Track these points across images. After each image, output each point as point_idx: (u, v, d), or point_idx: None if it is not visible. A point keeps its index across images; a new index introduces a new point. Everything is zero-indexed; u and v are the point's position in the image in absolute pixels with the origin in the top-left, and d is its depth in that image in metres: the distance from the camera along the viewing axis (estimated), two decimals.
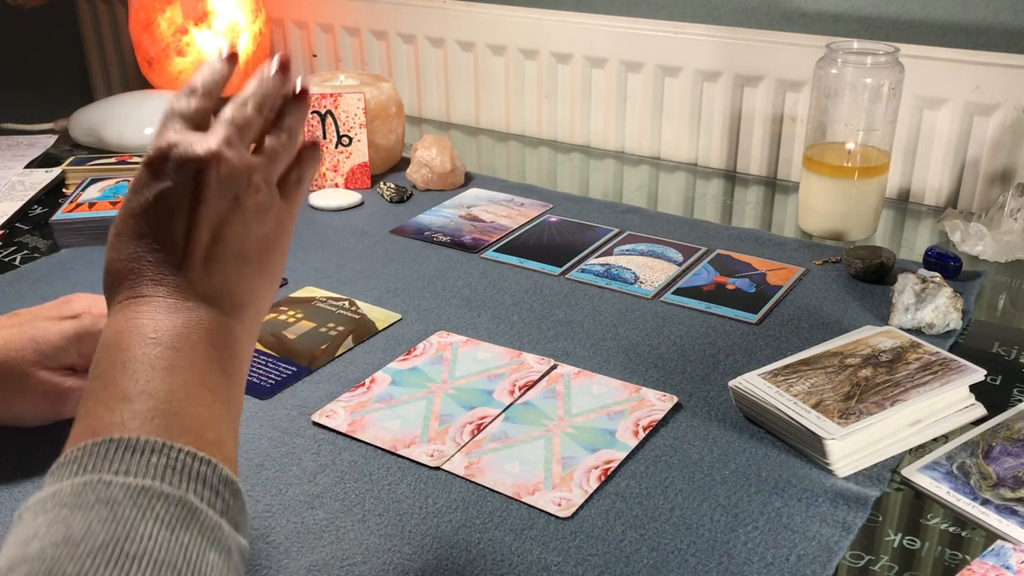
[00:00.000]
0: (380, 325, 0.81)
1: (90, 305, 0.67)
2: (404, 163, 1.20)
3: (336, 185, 1.12)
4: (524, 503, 0.60)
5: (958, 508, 0.59)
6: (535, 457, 0.64)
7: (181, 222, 0.47)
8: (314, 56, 1.51)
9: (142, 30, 1.38)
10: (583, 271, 0.91)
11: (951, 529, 0.58)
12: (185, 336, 0.45)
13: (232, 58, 0.54)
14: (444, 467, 0.63)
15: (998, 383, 0.72)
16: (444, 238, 0.99)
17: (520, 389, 0.72)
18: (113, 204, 0.99)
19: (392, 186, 1.10)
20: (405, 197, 1.09)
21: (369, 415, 0.69)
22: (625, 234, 0.99)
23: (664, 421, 0.68)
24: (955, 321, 0.78)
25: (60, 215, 0.97)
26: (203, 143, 0.48)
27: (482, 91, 1.36)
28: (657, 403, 0.70)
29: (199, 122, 0.50)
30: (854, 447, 0.62)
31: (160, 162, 0.48)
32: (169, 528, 0.37)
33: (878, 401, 0.64)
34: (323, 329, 0.80)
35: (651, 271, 0.90)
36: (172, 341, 0.44)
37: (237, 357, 0.47)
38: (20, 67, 1.72)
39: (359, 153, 1.11)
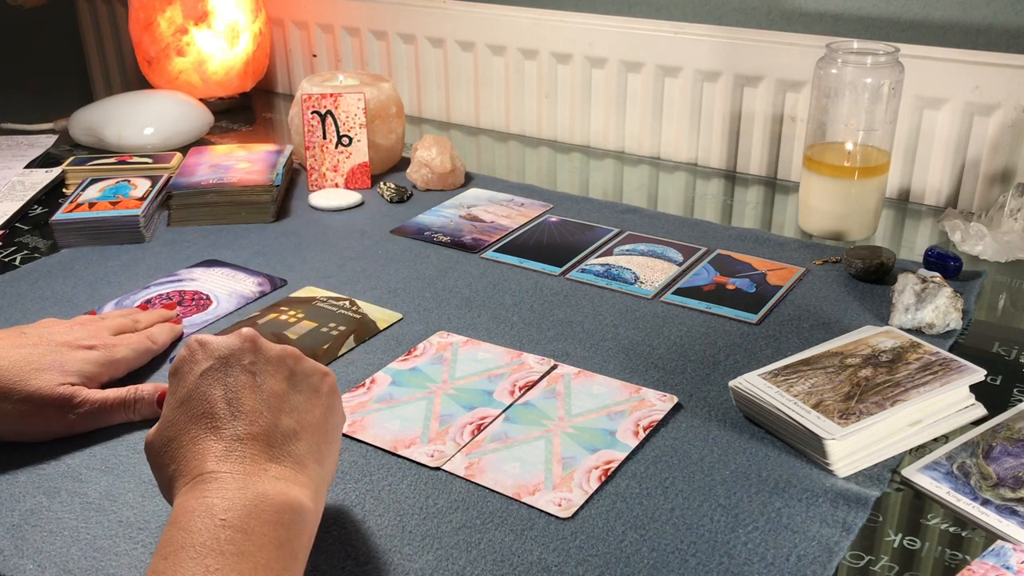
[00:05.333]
0: (381, 325, 0.81)
1: (93, 336, 0.71)
2: (404, 163, 1.20)
3: (336, 185, 1.12)
4: (524, 503, 0.60)
5: (958, 508, 0.59)
6: (535, 457, 0.64)
7: (228, 397, 0.50)
8: (314, 56, 1.51)
9: (142, 30, 1.38)
10: (583, 271, 0.91)
11: (951, 529, 0.58)
12: (255, 516, 0.45)
13: None
14: (444, 467, 0.63)
15: (998, 383, 0.72)
16: (444, 238, 0.99)
17: (520, 389, 0.72)
18: (113, 204, 0.99)
19: (392, 186, 1.10)
20: (405, 197, 1.09)
21: (369, 415, 0.69)
22: (625, 234, 0.99)
23: (664, 421, 0.68)
24: (955, 321, 0.78)
25: (60, 215, 0.97)
26: (237, 331, 0.54)
27: (482, 91, 1.36)
28: (657, 403, 0.70)
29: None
30: (854, 447, 0.62)
31: (190, 354, 0.53)
32: None
33: (878, 401, 0.64)
34: (324, 329, 0.80)
35: (651, 271, 0.90)
36: (241, 523, 0.44)
37: (304, 535, 0.48)
38: (20, 67, 1.73)
39: (359, 153, 1.11)
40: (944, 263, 0.88)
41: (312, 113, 1.10)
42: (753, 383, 0.67)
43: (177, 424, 0.50)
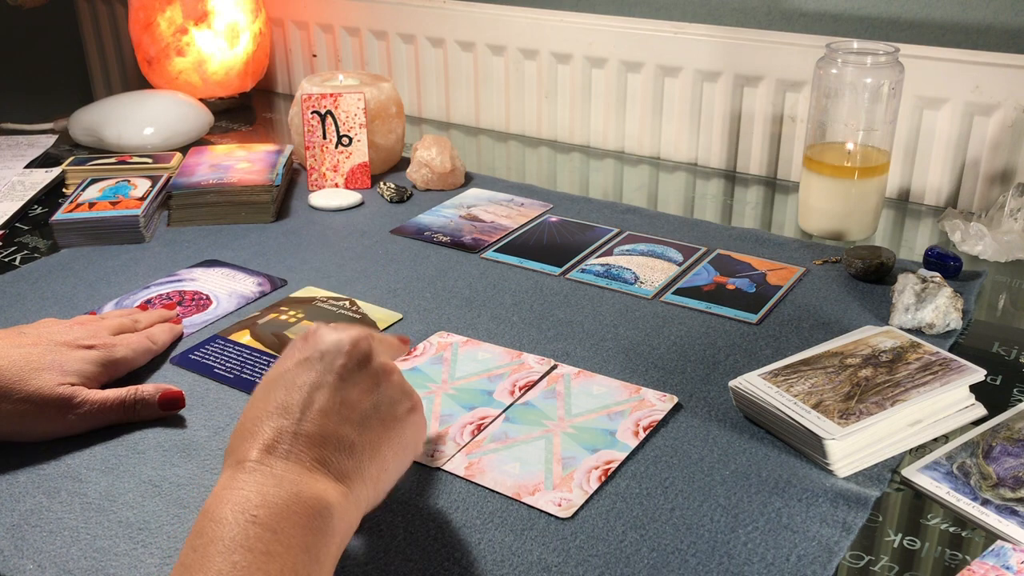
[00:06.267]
0: (381, 325, 0.81)
1: (92, 335, 0.71)
2: (404, 163, 1.20)
3: (336, 185, 1.12)
4: (524, 503, 0.60)
5: (958, 508, 0.59)
6: (535, 457, 0.64)
7: (306, 390, 0.51)
8: (314, 56, 1.51)
9: (142, 30, 1.38)
10: (583, 271, 0.91)
11: (951, 529, 0.58)
12: (286, 516, 0.45)
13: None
14: (444, 467, 0.63)
15: (998, 383, 0.72)
16: (444, 238, 0.99)
17: (520, 389, 0.72)
18: (113, 204, 0.99)
19: (392, 186, 1.10)
20: (405, 197, 1.10)
21: None
22: (625, 234, 0.99)
23: (664, 421, 0.68)
24: (955, 321, 0.78)
25: (60, 215, 0.97)
26: (350, 332, 0.55)
27: (482, 91, 1.36)
28: (657, 403, 0.70)
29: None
30: (854, 447, 0.62)
31: (310, 342, 0.54)
32: None
33: (878, 401, 0.64)
34: None
35: (651, 271, 0.90)
36: (272, 521, 0.45)
37: (333, 545, 0.47)
38: (20, 67, 1.73)
39: (359, 153, 1.11)
40: (944, 263, 0.88)
41: (312, 113, 1.10)
42: (753, 383, 0.67)
43: (255, 399, 0.52)
